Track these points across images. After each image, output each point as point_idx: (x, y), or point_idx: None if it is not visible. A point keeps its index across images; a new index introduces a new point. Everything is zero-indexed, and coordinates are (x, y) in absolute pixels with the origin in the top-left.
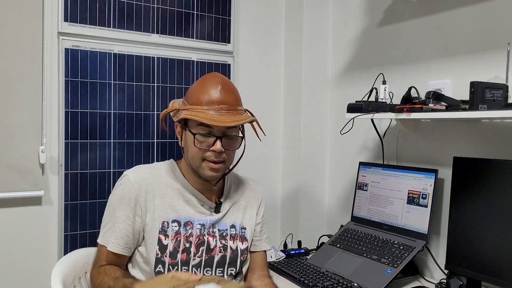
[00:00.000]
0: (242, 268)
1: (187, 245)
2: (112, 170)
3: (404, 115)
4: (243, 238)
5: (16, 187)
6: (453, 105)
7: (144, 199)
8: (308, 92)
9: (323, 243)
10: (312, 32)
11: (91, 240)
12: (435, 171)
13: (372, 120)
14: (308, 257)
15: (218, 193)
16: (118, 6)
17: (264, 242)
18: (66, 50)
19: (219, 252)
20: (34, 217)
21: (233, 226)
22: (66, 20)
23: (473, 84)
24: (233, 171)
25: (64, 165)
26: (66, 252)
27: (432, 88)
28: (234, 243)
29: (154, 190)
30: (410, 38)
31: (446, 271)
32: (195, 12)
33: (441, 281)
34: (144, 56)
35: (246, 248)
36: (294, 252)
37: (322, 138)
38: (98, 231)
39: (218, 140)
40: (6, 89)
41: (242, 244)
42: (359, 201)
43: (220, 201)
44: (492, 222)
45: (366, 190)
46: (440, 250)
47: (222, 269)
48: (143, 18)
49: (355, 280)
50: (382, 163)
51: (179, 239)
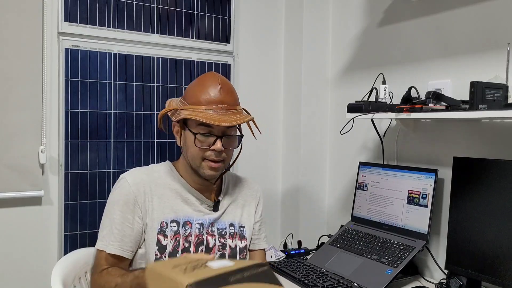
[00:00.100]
0: None
1: (186, 244)
2: (112, 170)
3: (404, 115)
4: (242, 237)
5: (16, 187)
6: (453, 105)
7: (143, 200)
8: (308, 92)
9: (323, 243)
10: (312, 32)
11: (91, 240)
12: (435, 171)
13: (372, 120)
14: (308, 257)
15: (216, 191)
16: (118, 6)
17: (263, 241)
18: (66, 50)
19: (218, 251)
20: (34, 217)
21: (232, 225)
22: (66, 20)
23: (473, 84)
24: (230, 171)
25: (64, 165)
26: (66, 252)
27: (432, 88)
28: (233, 241)
29: (152, 191)
30: (410, 38)
31: (446, 271)
32: (195, 12)
33: (441, 281)
34: (144, 56)
35: (245, 247)
36: (294, 252)
37: (322, 138)
38: (98, 231)
39: (219, 140)
40: (6, 89)
41: (241, 242)
42: (359, 201)
43: (218, 199)
44: (492, 222)
45: (366, 190)
46: (440, 250)
47: None
48: (143, 18)
49: (355, 280)
50: (382, 163)
51: (178, 239)
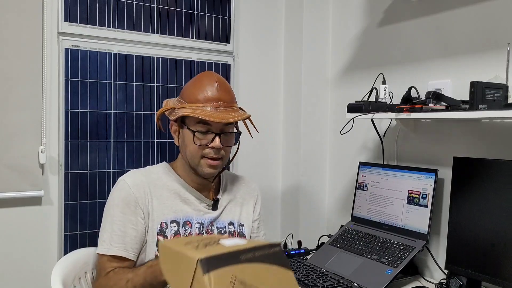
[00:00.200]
0: None
1: None
2: (112, 170)
3: (404, 115)
4: (241, 235)
5: (16, 187)
6: (453, 105)
7: (144, 201)
8: (308, 92)
9: (323, 243)
10: (312, 32)
11: (91, 240)
12: (435, 171)
13: (372, 120)
14: (308, 257)
15: (214, 190)
16: (118, 6)
17: (262, 239)
18: (66, 50)
19: None
20: (34, 217)
21: (231, 223)
22: (66, 20)
23: (473, 84)
24: (230, 170)
25: (64, 165)
26: (66, 252)
27: (432, 88)
28: None
29: (151, 192)
30: (410, 38)
31: (446, 271)
32: (195, 12)
33: (441, 281)
34: (144, 56)
35: None
36: (294, 252)
37: (322, 138)
38: (98, 231)
39: (217, 137)
40: (6, 89)
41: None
42: (359, 201)
43: (217, 198)
44: (492, 221)
45: (366, 190)
46: (440, 250)
47: None
48: (143, 18)
49: (355, 280)
50: (382, 163)
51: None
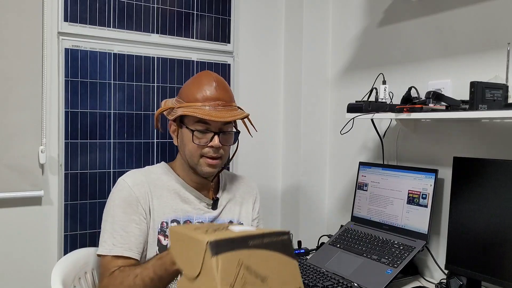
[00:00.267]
0: None
1: None
2: (112, 170)
3: (404, 115)
4: None
5: (16, 187)
6: (453, 105)
7: (145, 201)
8: (308, 92)
9: (323, 243)
10: (312, 32)
11: (91, 240)
12: (435, 171)
13: (372, 120)
14: (308, 257)
15: (214, 189)
16: (118, 6)
17: None
18: (66, 50)
19: None
20: (34, 217)
21: (231, 222)
22: (66, 20)
23: (473, 84)
24: (230, 169)
25: (64, 165)
26: (66, 252)
27: (432, 88)
28: None
29: (152, 192)
30: (410, 38)
31: (446, 271)
32: (195, 12)
33: (441, 281)
34: (144, 56)
35: None
36: (294, 252)
37: (322, 138)
38: (98, 231)
39: (216, 136)
40: (6, 89)
41: None
42: (359, 201)
43: (217, 197)
44: (492, 221)
45: (366, 190)
46: (440, 250)
47: None
48: (143, 18)
49: (355, 280)
50: (382, 163)
51: None
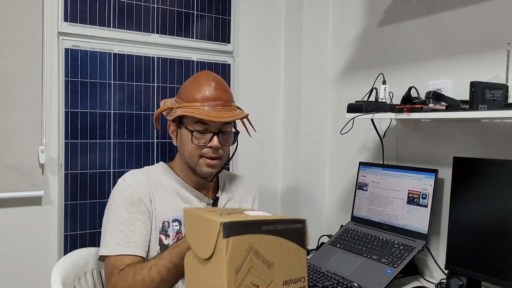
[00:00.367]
0: None
1: None
2: (112, 170)
3: (404, 115)
4: None
5: (16, 187)
6: (453, 105)
7: (147, 200)
8: (308, 92)
9: (323, 243)
10: (312, 32)
11: (91, 240)
12: (435, 171)
13: (372, 120)
14: (308, 257)
15: (213, 189)
16: (118, 6)
17: None
18: (66, 50)
19: None
20: (34, 217)
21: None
22: (66, 20)
23: (473, 84)
24: (230, 169)
25: (64, 165)
26: (66, 252)
27: (432, 88)
28: None
29: (153, 191)
30: (410, 38)
31: (446, 271)
32: (195, 12)
33: (441, 281)
34: (144, 56)
35: None
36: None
37: (322, 138)
38: (98, 231)
39: (215, 136)
40: (6, 89)
41: None
42: (359, 201)
43: (217, 196)
44: (492, 222)
45: (366, 190)
46: (440, 250)
47: None
48: (143, 18)
49: (355, 280)
50: (382, 163)
51: (180, 238)
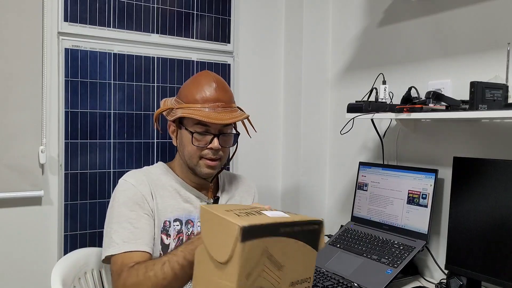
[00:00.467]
0: None
1: None
2: (112, 170)
3: (404, 115)
4: None
5: (16, 187)
6: (453, 105)
7: (150, 199)
8: (308, 92)
9: None
10: (312, 32)
11: (91, 240)
12: (435, 171)
13: (372, 120)
14: None
15: (213, 189)
16: (118, 6)
17: None
18: (66, 50)
19: None
20: (34, 217)
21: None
22: (66, 20)
23: (473, 84)
24: (230, 169)
25: (64, 165)
26: (66, 252)
27: (432, 88)
28: None
29: (154, 191)
30: (410, 38)
31: (446, 271)
32: (195, 12)
33: (441, 281)
34: (144, 56)
35: None
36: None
37: (322, 138)
38: (98, 231)
39: (216, 138)
40: (6, 89)
41: None
42: (359, 201)
43: (217, 196)
44: (492, 221)
45: (366, 190)
46: (440, 250)
47: None
48: (143, 18)
49: (355, 280)
50: (382, 163)
51: (181, 238)
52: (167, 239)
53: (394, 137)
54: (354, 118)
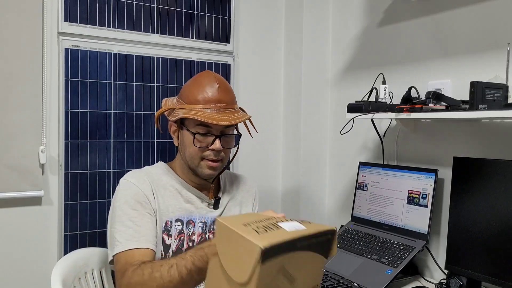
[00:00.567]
0: None
1: (190, 244)
2: (112, 170)
3: (404, 115)
4: None
5: (16, 187)
6: (453, 105)
7: (152, 198)
8: (308, 92)
9: None
10: (312, 32)
11: (91, 240)
12: (435, 171)
13: (372, 120)
14: None
15: (215, 190)
16: (118, 6)
17: None
18: (66, 50)
19: None
20: (34, 217)
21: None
22: (66, 20)
23: (473, 84)
24: (230, 169)
25: (64, 165)
26: (66, 252)
27: (432, 88)
28: None
29: (155, 190)
30: (410, 38)
31: (446, 271)
32: (195, 12)
33: (441, 281)
34: (144, 56)
35: None
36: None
37: (322, 138)
38: (98, 231)
39: (217, 139)
40: (6, 89)
41: None
42: (359, 201)
43: (218, 196)
44: (492, 222)
45: (366, 190)
46: (440, 250)
47: None
48: (143, 18)
49: (355, 280)
50: (382, 163)
51: (182, 238)
52: (168, 239)
53: (394, 137)
54: (354, 118)
